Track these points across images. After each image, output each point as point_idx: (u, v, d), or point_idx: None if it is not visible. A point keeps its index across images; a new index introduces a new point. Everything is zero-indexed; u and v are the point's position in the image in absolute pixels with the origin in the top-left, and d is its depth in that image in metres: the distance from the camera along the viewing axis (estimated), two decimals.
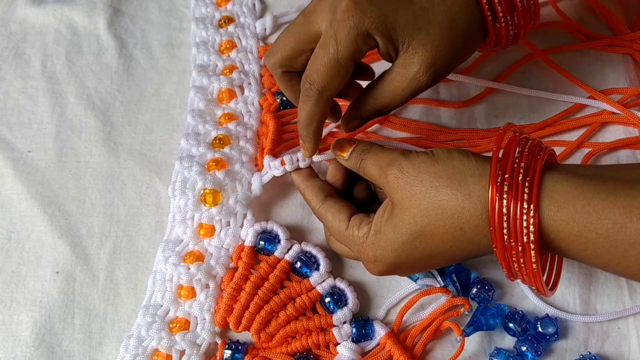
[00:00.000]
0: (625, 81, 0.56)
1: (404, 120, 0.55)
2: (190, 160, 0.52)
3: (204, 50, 0.60)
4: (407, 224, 0.40)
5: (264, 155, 0.52)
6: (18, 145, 0.56)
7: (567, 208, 0.36)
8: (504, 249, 0.37)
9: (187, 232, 0.50)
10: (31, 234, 0.52)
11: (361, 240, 0.42)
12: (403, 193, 0.40)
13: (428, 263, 0.42)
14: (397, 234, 0.40)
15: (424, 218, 0.39)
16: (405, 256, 0.41)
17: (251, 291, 0.47)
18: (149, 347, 0.45)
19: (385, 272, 0.43)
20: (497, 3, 0.44)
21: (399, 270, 0.43)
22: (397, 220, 0.40)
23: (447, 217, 0.38)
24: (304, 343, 0.45)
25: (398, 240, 0.40)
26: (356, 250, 0.43)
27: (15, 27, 0.64)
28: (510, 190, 0.36)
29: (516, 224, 0.36)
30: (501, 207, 0.36)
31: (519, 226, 0.36)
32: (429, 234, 0.39)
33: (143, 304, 0.48)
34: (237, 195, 0.51)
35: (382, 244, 0.41)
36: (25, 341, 0.47)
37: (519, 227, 0.36)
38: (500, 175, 0.37)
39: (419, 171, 0.40)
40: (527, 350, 0.44)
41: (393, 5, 0.42)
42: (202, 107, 0.56)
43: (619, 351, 0.45)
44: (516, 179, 0.36)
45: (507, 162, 0.37)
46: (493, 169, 0.37)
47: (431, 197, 0.39)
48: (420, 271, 0.46)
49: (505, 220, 0.36)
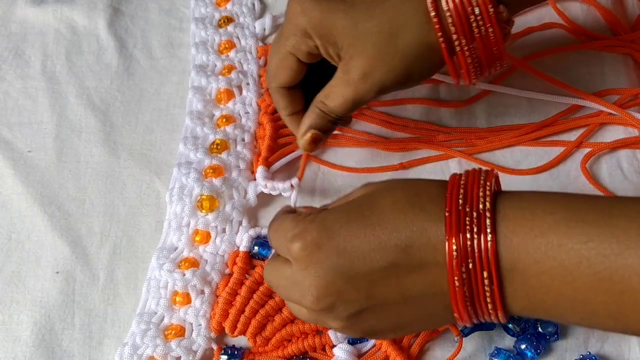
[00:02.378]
0: (625, 81, 0.56)
1: (403, 120, 0.55)
2: (188, 167, 0.52)
3: (203, 50, 0.60)
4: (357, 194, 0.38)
5: (259, 162, 0.53)
6: (18, 145, 0.57)
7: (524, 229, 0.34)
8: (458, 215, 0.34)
9: (182, 239, 0.50)
10: (31, 234, 0.52)
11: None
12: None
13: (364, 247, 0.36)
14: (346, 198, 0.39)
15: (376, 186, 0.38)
16: (343, 221, 0.36)
17: (247, 295, 0.47)
18: (144, 354, 0.45)
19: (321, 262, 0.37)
20: (450, 25, 0.41)
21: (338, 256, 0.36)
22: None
23: (402, 184, 0.37)
24: (300, 346, 0.45)
25: (341, 204, 0.38)
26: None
27: (15, 27, 0.64)
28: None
29: (472, 193, 0.35)
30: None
31: (475, 195, 0.34)
32: (380, 198, 0.37)
33: (137, 311, 0.48)
34: (234, 202, 0.51)
35: (326, 210, 0.38)
36: (25, 341, 0.47)
37: (475, 195, 0.34)
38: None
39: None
40: (527, 348, 0.44)
41: (333, 8, 0.43)
42: (200, 108, 0.56)
43: (619, 351, 0.45)
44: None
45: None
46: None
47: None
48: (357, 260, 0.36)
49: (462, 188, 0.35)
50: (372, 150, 0.55)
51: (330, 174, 0.54)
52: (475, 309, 0.35)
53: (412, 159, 0.54)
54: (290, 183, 0.50)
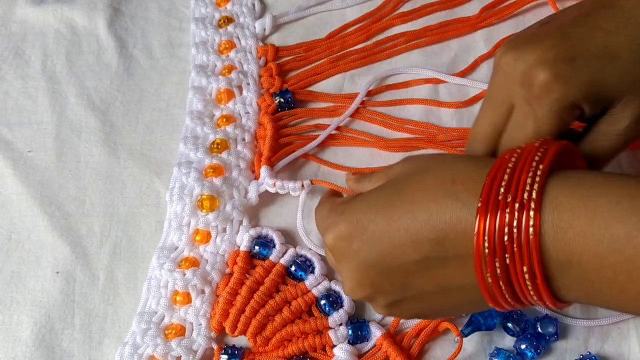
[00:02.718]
0: None
1: (403, 120, 0.55)
2: (188, 167, 0.52)
3: (203, 50, 0.60)
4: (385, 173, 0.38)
5: (261, 162, 0.52)
6: (18, 145, 0.57)
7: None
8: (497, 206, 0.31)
9: (182, 238, 0.50)
10: (31, 234, 0.52)
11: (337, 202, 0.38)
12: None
13: (392, 233, 0.34)
14: (382, 179, 0.37)
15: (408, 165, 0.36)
16: (372, 213, 0.35)
17: (247, 295, 0.47)
18: (144, 354, 0.45)
19: (341, 241, 0.36)
20: None
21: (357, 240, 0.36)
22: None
23: (440, 166, 0.35)
24: (300, 346, 0.45)
25: (372, 190, 0.37)
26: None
27: (15, 27, 0.64)
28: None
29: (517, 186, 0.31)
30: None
31: (522, 182, 0.31)
32: (412, 183, 0.35)
33: (137, 311, 0.48)
34: (234, 202, 0.51)
35: (356, 199, 0.37)
36: (25, 341, 0.47)
37: (521, 182, 0.31)
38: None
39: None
40: (527, 348, 0.44)
41: (598, 65, 0.35)
42: (200, 108, 0.56)
43: (619, 351, 0.45)
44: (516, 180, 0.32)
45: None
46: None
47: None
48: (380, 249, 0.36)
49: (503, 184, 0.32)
50: (372, 150, 0.55)
51: (330, 174, 0.54)
52: (518, 300, 0.33)
53: None
54: (302, 183, 0.50)
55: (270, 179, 0.51)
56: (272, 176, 0.52)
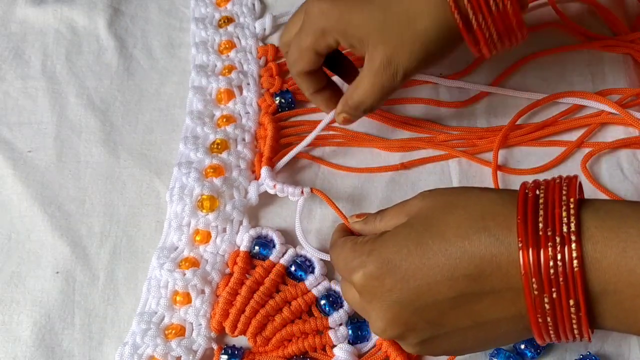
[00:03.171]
0: (625, 81, 0.56)
1: (404, 118, 0.56)
2: (188, 167, 0.52)
3: (203, 50, 0.60)
4: (414, 205, 0.37)
5: (261, 162, 0.52)
6: (18, 145, 0.56)
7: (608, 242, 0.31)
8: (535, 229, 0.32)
9: (182, 238, 0.50)
10: (31, 234, 0.52)
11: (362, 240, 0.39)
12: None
13: (424, 273, 0.35)
14: (400, 217, 0.37)
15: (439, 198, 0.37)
16: (404, 252, 0.35)
17: (247, 295, 0.47)
18: (144, 354, 0.45)
19: (373, 280, 0.36)
20: (466, 3, 0.42)
21: (390, 279, 0.36)
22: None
23: (464, 202, 0.35)
24: (300, 346, 0.45)
25: (398, 228, 0.37)
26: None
27: (15, 27, 0.64)
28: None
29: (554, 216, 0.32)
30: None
31: (557, 216, 0.32)
32: (441, 221, 0.35)
33: (137, 311, 0.48)
34: (234, 202, 0.51)
35: (383, 238, 0.37)
36: (25, 341, 0.47)
37: (557, 216, 0.32)
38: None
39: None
40: (527, 348, 0.44)
41: (351, 7, 0.45)
42: (200, 108, 0.56)
43: (619, 351, 0.45)
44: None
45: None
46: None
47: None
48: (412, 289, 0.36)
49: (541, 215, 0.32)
50: (372, 150, 0.55)
51: (331, 174, 0.54)
52: (558, 333, 0.33)
53: (413, 158, 0.54)
54: (301, 189, 0.50)
55: (271, 180, 0.51)
56: (273, 177, 0.52)
